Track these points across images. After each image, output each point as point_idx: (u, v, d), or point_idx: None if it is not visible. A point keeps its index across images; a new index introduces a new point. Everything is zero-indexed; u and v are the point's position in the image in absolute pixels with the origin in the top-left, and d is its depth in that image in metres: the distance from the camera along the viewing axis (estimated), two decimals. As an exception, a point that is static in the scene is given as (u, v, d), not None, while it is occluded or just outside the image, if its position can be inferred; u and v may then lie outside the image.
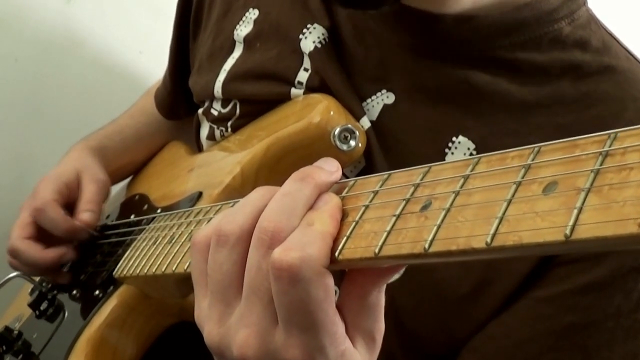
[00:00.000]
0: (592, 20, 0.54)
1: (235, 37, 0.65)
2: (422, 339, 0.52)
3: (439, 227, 0.29)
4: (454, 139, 0.51)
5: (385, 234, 0.31)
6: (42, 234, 0.70)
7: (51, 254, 0.69)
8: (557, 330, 0.47)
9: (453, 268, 0.50)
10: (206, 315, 0.36)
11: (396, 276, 0.52)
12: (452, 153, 0.51)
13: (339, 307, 0.35)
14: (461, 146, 0.51)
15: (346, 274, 0.37)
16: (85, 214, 0.70)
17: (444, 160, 0.46)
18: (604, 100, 0.49)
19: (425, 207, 0.31)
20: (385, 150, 0.54)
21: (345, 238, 0.33)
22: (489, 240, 0.26)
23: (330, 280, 0.33)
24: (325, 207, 0.35)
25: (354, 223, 0.34)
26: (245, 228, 0.36)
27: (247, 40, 0.64)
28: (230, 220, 0.36)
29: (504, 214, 0.27)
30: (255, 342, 0.34)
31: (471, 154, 0.51)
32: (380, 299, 0.36)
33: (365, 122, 0.54)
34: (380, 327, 0.37)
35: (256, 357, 0.34)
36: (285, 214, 0.34)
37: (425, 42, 0.53)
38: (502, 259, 0.48)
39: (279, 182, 0.37)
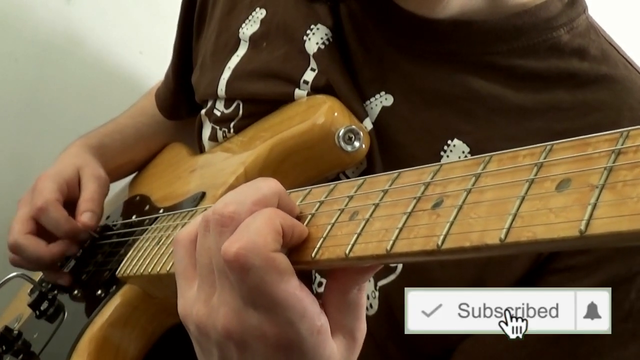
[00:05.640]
0: (592, 28, 0.54)
1: (241, 35, 0.65)
2: (418, 339, 0.52)
3: (451, 223, 0.29)
4: (449, 142, 0.52)
5: (397, 230, 0.31)
6: (41, 229, 0.69)
7: (55, 248, 0.68)
8: (548, 337, 0.47)
9: (448, 269, 0.50)
10: (195, 299, 0.37)
11: (392, 277, 0.52)
12: (447, 156, 0.51)
13: (323, 303, 0.36)
14: (456, 149, 0.51)
15: (329, 271, 0.37)
16: (85, 215, 0.70)
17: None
18: (601, 108, 0.50)
19: (437, 205, 0.31)
20: (383, 152, 0.54)
21: (355, 235, 0.33)
22: (502, 236, 0.26)
23: (282, 262, 0.34)
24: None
25: (364, 221, 0.34)
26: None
27: (253, 39, 0.64)
28: (214, 208, 0.37)
29: (517, 210, 0.27)
30: (235, 318, 0.35)
31: (465, 157, 0.51)
32: (360, 297, 0.37)
33: (368, 124, 0.55)
34: (362, 327, 0.37)
35: (238, 333, 0.35)
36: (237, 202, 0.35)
37: (422, 45, 0.53)
38: (496, 262, 0.48)
39: (283, 183, 0.37)
